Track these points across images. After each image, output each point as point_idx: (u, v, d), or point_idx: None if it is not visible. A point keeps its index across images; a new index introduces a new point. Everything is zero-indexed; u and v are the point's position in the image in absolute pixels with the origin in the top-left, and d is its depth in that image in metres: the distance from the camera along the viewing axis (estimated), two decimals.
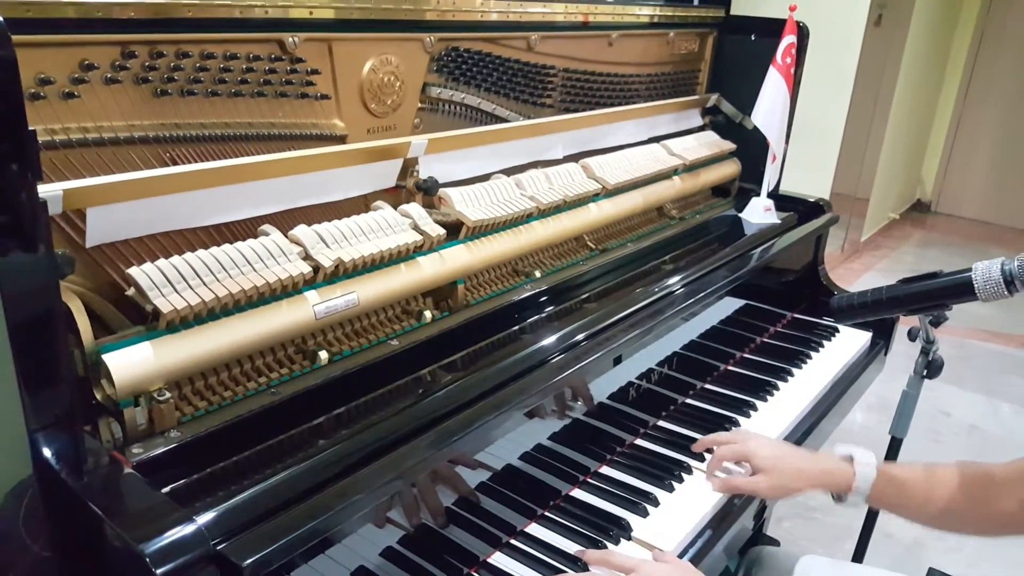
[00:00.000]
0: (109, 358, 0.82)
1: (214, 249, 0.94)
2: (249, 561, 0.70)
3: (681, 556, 1.10)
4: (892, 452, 1.55)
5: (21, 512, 0.84)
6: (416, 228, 1.13)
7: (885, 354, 1.88)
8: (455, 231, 1.22)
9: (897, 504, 1.16)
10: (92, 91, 0.88)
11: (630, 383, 1.34)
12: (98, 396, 0.85)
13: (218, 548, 0.71)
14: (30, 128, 0.65)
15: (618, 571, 1.00)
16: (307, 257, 1.01)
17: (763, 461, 1.20)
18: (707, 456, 1.29)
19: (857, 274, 4.63)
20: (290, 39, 1.05)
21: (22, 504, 0.82)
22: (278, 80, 1.06)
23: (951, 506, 1.10)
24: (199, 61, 0.96)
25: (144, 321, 0.91)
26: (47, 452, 0.74)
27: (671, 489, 1.21)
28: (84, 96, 0.87)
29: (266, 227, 1.03)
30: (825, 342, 1.78)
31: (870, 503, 1.18)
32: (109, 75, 0.89)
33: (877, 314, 1.25)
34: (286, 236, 1.01)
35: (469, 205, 1.23)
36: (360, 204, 1.20)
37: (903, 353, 1.98)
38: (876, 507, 1.17)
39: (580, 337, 1.19)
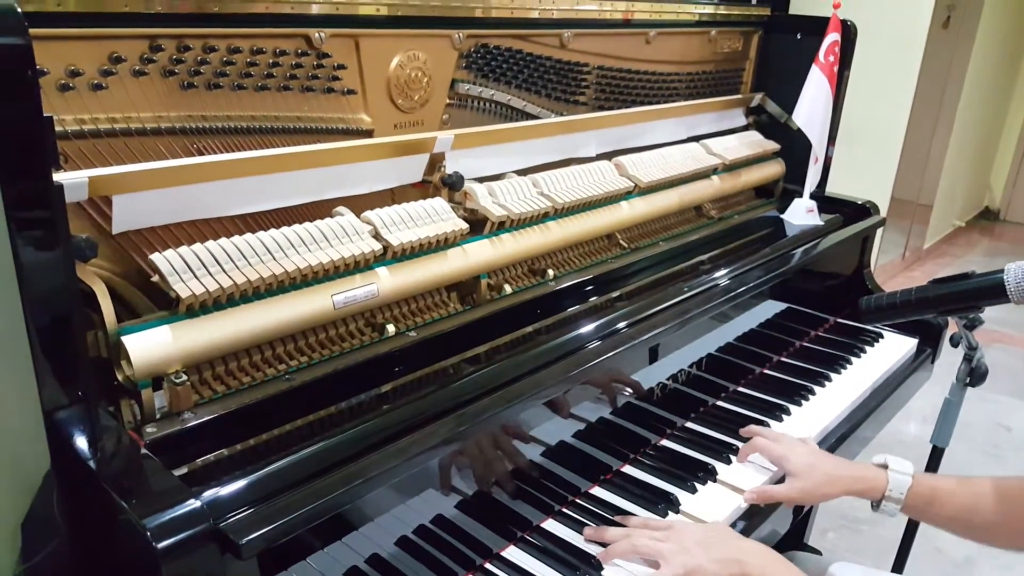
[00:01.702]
0: (128, 340, 0.85)
1: (235, 238, 0.96)
2: (247, 539, 0.72)
3: None
4: (934, 461, 1.49)
5: (55, 495, 0.88)
6: (441, 222, 1.14)
7: (932, 361, 1.81)
8: (479, 227, 1.22)
9: (930, 513, 1.14)
10: (120, 83, 0.91)
11: (660, 383, 1.32)
12: (119, 377, 0.88)
13: (218, 526, 0.72)
14: (46, 115, 0.67)
15: (655, 530, 1.03)
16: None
17: (796, 467, 1.17)
18: (733, 460, 1.26)
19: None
20: (316, 35, 1.07)
21: (55, 489, 0.86)
22: (304, 75, 1.08)
23: (986, 519, 1.08)
24: (225, 55, 0.99)
25: (170, 307, 0.94)
26: (62, 432, 0.77)
27: (694, 491, 1.19)
28: (112, 88, 0.90)
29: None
30: (868, 347, 1.72)
31: (905, 511, 1.15)
32: (137, 68, 0.92)
33: (906, 315, 1.20)
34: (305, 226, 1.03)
35: (493, 201, 1.23)
36: (386, 198, 1.21)
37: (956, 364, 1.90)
38: (911, 516, 1.14)
39: (607, 331, 1.18)
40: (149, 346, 0.86)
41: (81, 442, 0.77)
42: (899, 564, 1.58)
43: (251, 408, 0.91)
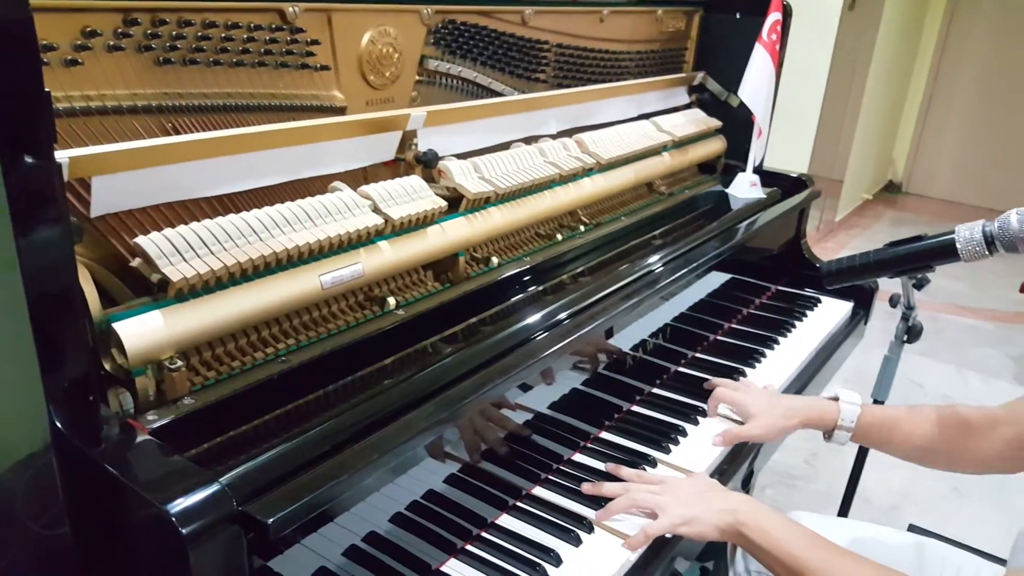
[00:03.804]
0: (120, 327, 0.82)
1: (220, 219, 0.94)
2: (274, 519, 0.71)
3: None
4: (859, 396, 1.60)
5: (21, 490, 0.84)
6: (420, 199, 1.14)
7: (865, 323, 1.93)
8: (454, 204, 1.22)
9: (879, 440, 1.24)
10: (95, 58, 0.87)
11: (624, 353, 1.37)
12: (107, 366, 0.85)
13: (241, 508, 0.72)
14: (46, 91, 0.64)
15: (648, 483, 1.09)
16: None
17: (757, 408, 1.28)
18: (701, 420, 1.33)
19: (832, 253, 4.69)
20: (290, 8, 1.05)
21: (22, 482, 0.82)
22: (279, 50, 1.05)
23: (930, 444, 1.19)
24: (201, 30, 0.96)
25: (148, 293, 0.91)
26: (64, 421, 0.74)
27: (668, 451, 1.24)
28: (87, 63, 0.86)
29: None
30: (808, 312, 1.82)
31: (855, 439, 1.25)
32: (112, 42, 0.88)
33: (864, 277, 1.29)
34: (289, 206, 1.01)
35: (468, 178, 1.24)
36: (359, 178, 1.20)
37: (879, 328, 2.04)
38: (861, 443, 1.26)
39: (575, 309, 1.21)
40: (142, 332, 0.83)
41: (84, 432, 0.75)
42: (844, 510, 1.69)
43: (249, 392, 0.89)
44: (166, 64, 0.93)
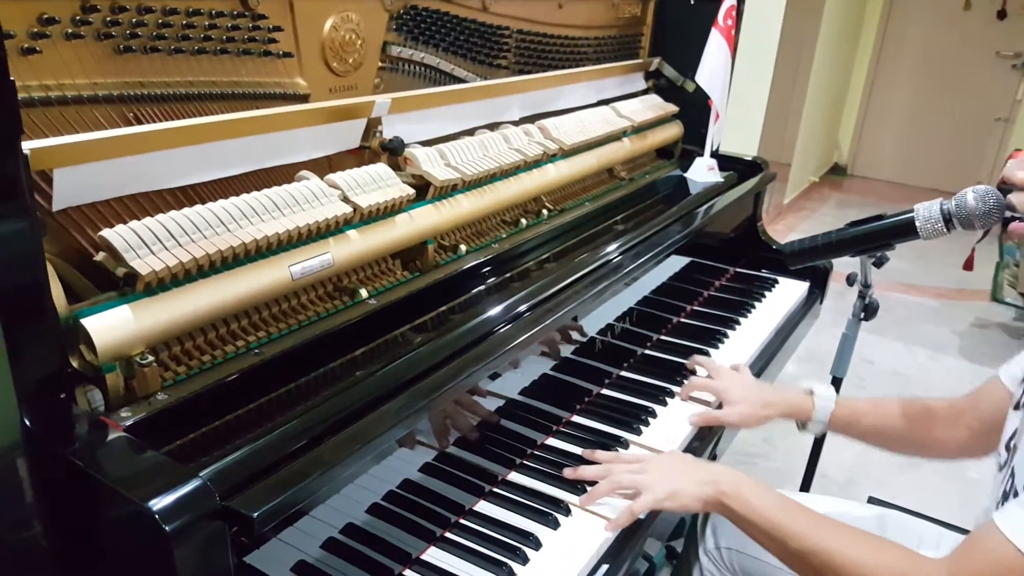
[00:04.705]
0: (88, 322, 0.80)
1: (187, 210, 0.92)
2: (259, 512, 0.71)
3: None
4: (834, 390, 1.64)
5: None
6: (388, 187, 1.13)
7: (820, 302, 1.98)
8: (421, 192, 1.22)
9: (851, 432, 1.29)
10: (53, 46, 0.84)
11: (592, 338, 1.38)
12: (74, 364, 0.83)
13: (224, 503, 0.71)
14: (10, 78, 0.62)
15: (628, 463, 1.10)
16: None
17: (735, 396, 1.31)
18: (669, 401, 1.35)
19: (782, 235, 4.78)
20: None
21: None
22: (241, 37, 1.03)
23: (899, 435, 1.24)
24: (162, 17, 0.93)
25: (113, 287, 0.89)
26: (35, 420, 0.72)
27: (639, 432, 1.26)
28: (45, 52, 0.84)
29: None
30: (768, 292, 1.87)
31: (829, 430, 1.30)
32: (70, 30, 0.85)
33: (827, 256, 1.32)
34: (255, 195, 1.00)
35: (435, 165, 1.24)
36: (323, 166, 1.19)
37: (828, 307, 2.10)
38: (835, 433, 1.30)
39: (547, 295, 1.22)
40: (111, 327, 0.81)
41: (57, 431, 0.73)
42: (805, 485, 1.74)
43: (223, 386, 0.88)
44: (127, 52, 0.91)
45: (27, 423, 0.72)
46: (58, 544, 0.76)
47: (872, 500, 1.52)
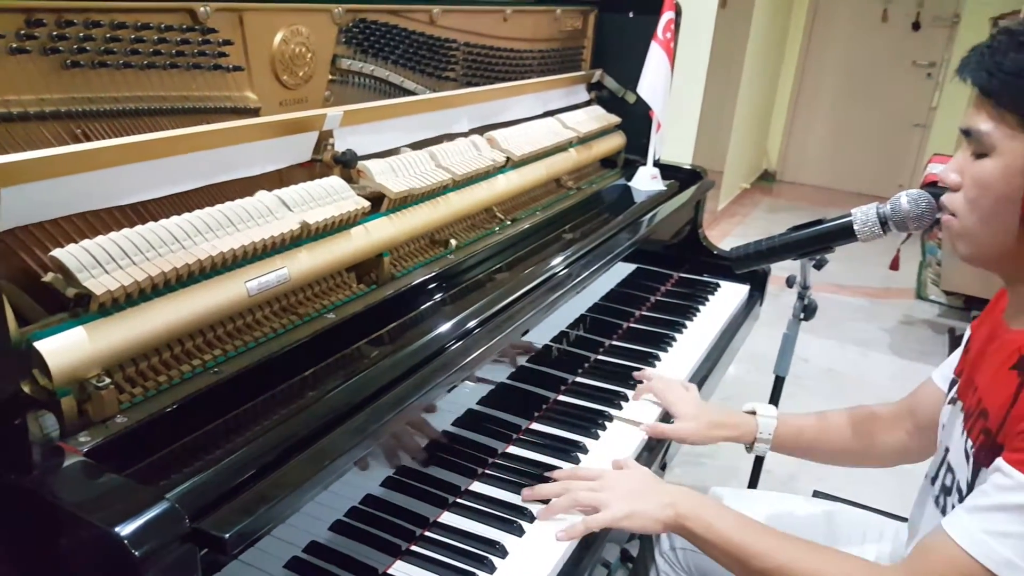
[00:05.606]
0: (42, 345, 0.78)
1: (140, 227, 0.90)
2: (231, 533, 0.70)
3: None
4: (776, 390, 1.70)
5: None
6: (342, 200, 1.13)
7: (760, 304, 2.05)
8: (376, 205, 1.22)
9: (796, 448, 1.31)
10: None
11: (547, 345, 1.40)
12: (25, 389, 0.80)
13: (194, 525, 0.69)
14: None
15: (585, 479, 1.10)
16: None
17: (684, 413, 1.32)
18: (624, 405, 1.38)
19: (717, 240, 4.86)
20: (201, 8, 1.01)
21: None
22: (191, 51, 1.02)
23: (843, 445, 1.27)
24: (109, 31, 0.91)
25: (62, 309, 0.86)
26: None
27: (596, 436, 1.29)
28: None
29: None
30: (711, 296, 1.92)
31: (773, 449, 1.31)
32: (15, 44, 0.83)
33: (771, 260, 1.37)
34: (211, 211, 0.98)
35: (389, 177, 1.24)
36: (275, 180, 1.18)
37: (767, 310, 2.18)
38: (781, 452, 1.31)
39: (506, 303, 1.23)
40: (65, 350, 0.79)
41: (10, 459, 0.70)
42: (753, 482, 1.80)
43: (183, 407, 0.86)
44: (74, 67, 0.89)
45: None
46: None
47: (817, 494, 1.59)
